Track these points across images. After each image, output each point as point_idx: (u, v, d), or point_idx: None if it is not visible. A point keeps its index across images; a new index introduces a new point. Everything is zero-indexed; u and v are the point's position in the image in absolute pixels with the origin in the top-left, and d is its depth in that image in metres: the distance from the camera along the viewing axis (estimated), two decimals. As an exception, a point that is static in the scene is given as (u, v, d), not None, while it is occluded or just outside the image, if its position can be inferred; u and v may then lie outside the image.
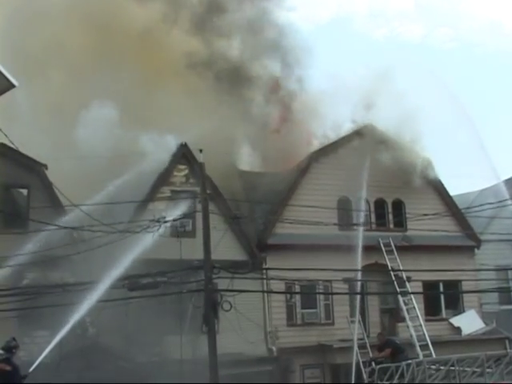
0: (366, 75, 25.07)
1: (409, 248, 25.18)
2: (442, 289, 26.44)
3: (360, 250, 23.33)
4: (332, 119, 26.45)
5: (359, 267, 23.08)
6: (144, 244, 18.24)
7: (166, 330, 21.97)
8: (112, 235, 18.61)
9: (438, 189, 27.18)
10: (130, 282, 16.36)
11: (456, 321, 26.34)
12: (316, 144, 26.66)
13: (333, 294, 23.52)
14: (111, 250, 20.32)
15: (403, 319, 24.39)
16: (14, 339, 15.15)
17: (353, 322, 23.51)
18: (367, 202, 25.83)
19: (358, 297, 23.72)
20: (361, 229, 23.75)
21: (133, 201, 20.18)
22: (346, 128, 26.21)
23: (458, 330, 26.02)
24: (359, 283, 23.42)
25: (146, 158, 21.35)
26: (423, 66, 26.29)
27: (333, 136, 26.34)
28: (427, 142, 26.11)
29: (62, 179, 19.97)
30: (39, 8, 23.36)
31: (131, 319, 21.24)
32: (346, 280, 22.60)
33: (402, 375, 17.90)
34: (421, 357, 21.72)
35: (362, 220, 23.96)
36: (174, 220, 18.89)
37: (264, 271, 21.59)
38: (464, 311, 26.86)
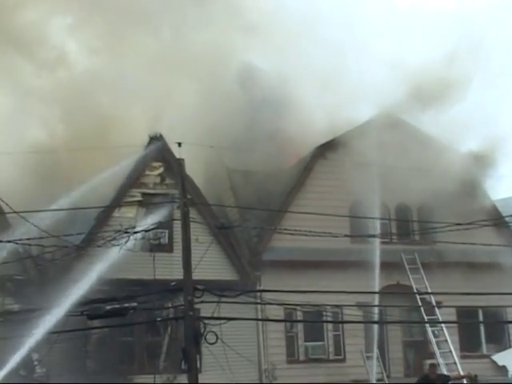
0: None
1: (438, 265, 25.32)
2: (481, 317, 26.63)
3: (377, 267, 23.47)
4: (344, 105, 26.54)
5: (377, 289, 23.21)
6: (108, 261, 18.31)
7: (136, 370, 22.05)
8: (67, 250, 18.67)
9: (476, 192, 27.32)
10: (91, 309, 16.36)
11: (500, 358, 26.46)
12: (322, 136, 26.70)
13: (344, 322, 23.67)
14: (66, 269, 20.47)
15: (432, 355, 24.53)
16: None
17: (369, 358, 23.63)
18: (386, 207, 25.98)
19: (376, 326, 23.85)
20: (378, 241, 23.86)
21: (94, 206, 20.25)
22: (361, 117, 26.27)
23: (503, 369, 26.13)
24: (377, 309, 23.53)
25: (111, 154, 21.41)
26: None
27: (344, 126, 26.40)
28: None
29: (1, 180, 20.03)
30: None
31: (91, 355, 21.32)
32: (360, 305, 22.70)
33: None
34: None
35: (378, 230, 24.06)
36: (146, 230, 18.96)
37: (258, 294, 21.64)
38: (511, 346, 27.01)
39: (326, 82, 26.44)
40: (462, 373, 23.38)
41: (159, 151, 23.67)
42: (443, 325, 24.25)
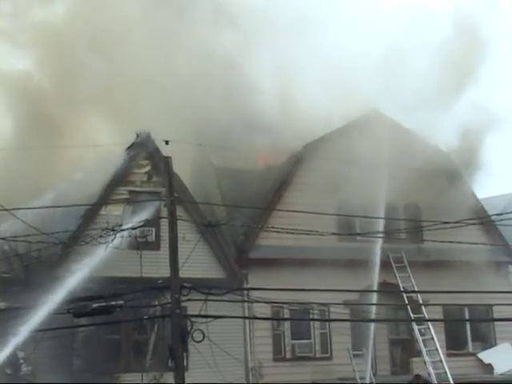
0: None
1: (426, 264, 25.41)
2: (467, 316, 26.73)
3: (377, 266, 23.50)
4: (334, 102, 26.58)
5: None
6: (95, 258, 18.30)
7: (122, 368, 22.03)
8: (54, 247, 18.64)
9: (463, 190, 27.41)
10: (77, 307, 16.34)
11: (486, 356, 26.60)
12: (311, 133, 26.71)
13: (330, 320, 23.71)
14: (53, 266, 20.43)
15: (419, 353, 24.62)
16: None
17: (356, 356, 23.69)
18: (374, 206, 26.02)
19: (363, 325, 23.91)
20: (379, 241, 23.92)
21: (81, 204, 20.22)
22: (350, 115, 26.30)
23: (489, 367, 26.26)
24: (364, 308, 23.58)
25: (97, 151, 21.39)
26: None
27: (334, 123, 26.44)
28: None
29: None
30: None
31: (77, 354, 21.29)
32: (347, 303, 22.75)
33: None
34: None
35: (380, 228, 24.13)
36: (133, 228, 18.94)
37: (245, 292, 21.68)
38: (496, 344, 27.14)
39: (314, 80, 26.47)
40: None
41: (146, 149, 23.66)
42: (429, 323, 24.33)
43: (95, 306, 15.98)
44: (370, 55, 26.47)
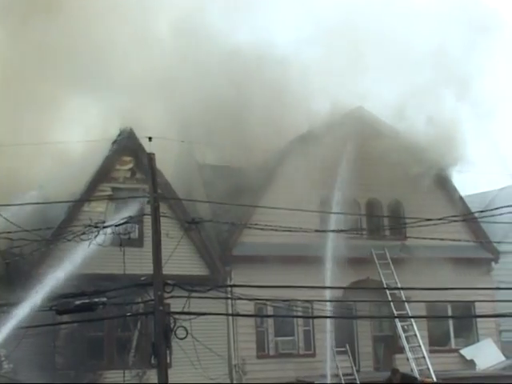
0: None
1: (409, 261, 25.51)
2: (450, 312, 26.88)
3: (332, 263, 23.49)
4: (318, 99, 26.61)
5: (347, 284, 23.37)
6: (78, 255, 18.24)
7: (105, 365, 21.99)
8: (37, 244, 18.56)
9: (446, 187, 27.54)
10: (60, 304, 16.30)
11: (468, 352, 26.78)
12: (294, 130, 26.74)
13: (314, 317, 23.75)
14: (35, 263, 20.35)
15: (402, 350, 24.72)
16: None
17: (339, 352, 23.75)
18: (357, 203, 26.12)
19: (346, 322, 23.99)
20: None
21: (64, 201, 20.16)
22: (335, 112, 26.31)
23: (471, 363, 26.43)
24: (347, 304, 23.65)
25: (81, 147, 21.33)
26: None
27: (316, 121, 26.45)
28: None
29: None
30: None
31: (60, 351, 21.23)
32: (330, 300, 22.78)
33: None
34: (425, 396, 22.09)
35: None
36: (117, 225, 18.87)
37: (229, 289, 21.71)
38: (478, 341, 27.31)
39: (300, 76, 26.45)
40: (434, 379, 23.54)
41: (129, 145, 23.61)
42: (412, 319, 24.42)
43: (78, 303, 15.94)
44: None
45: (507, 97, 48.46)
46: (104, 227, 17.79)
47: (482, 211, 25.52)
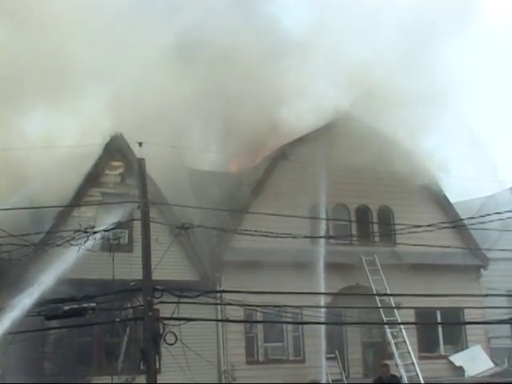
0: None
1: (398, 267, 25.54)
2: (439, 319, 26.90)
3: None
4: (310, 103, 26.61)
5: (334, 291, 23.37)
6: (67, 260, 18.18)
7: (94, 370, 21.91)
8: (25, 249, 18.49)
9: (435, 194, 27.60)
10: (48, 309, 16.26)
11: (457, 359, 26.81)
12: (286, 136, 26.74)
13: (303, 323, 23.73)
14: (24, 268, 20.26)
15: (391, 356, 24.72)
16: None
17: (329, 359, 23.74)
18: (347, 209, 26.14)
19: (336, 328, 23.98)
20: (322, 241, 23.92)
21: (53, 205, 20.09)
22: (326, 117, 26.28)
23: (460, 370, 26.46)
24: (337, 311, 23.65)
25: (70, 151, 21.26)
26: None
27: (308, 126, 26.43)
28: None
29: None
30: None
31: (49, 356, 21.15)
32: (320, 306, 22.82)
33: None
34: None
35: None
36: (106, 230, 18.84)
37: (218, 295, 21.66)
38: (467, 347, 27.34)
39: (289, 81, 26.45)
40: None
41: (119, 150, 23.58)
42: (402, 326, 24.46)
43: (67, 308, 15.89)
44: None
45: (497, 103, 48.60)
46: (93, 232, 17.75)
47: (471, 218, 25.57)
